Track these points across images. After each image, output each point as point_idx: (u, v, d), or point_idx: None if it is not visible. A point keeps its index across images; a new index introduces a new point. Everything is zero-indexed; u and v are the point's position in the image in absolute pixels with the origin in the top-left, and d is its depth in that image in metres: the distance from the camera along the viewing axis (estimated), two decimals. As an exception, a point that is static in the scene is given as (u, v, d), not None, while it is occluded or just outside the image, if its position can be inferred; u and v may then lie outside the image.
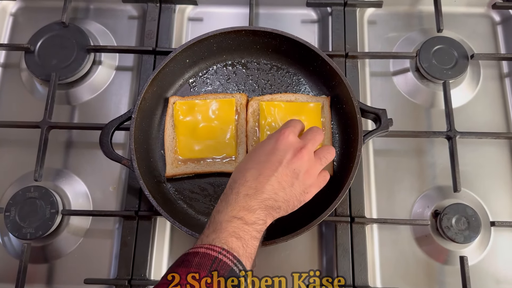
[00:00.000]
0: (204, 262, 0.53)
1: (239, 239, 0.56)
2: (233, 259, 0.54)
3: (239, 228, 0.57)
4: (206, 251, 0.54)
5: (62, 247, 0.81)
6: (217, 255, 0.53)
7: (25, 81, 0.92)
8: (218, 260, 0.53)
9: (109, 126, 0.77)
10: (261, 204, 0.60)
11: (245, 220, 0.58)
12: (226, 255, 0.54)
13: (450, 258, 0.80)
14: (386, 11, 0.96)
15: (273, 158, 0.63)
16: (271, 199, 0.61)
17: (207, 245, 0.55)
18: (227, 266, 0.53)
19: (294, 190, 0.63)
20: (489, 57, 0.91)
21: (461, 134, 0.82)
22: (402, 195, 0.84)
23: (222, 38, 0.83)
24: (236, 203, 0.59)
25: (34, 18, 0.96)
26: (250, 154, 0.66)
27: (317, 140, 0.67)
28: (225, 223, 0.57)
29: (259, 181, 0.61)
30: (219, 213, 0.59)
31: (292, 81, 0.86)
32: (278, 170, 0.62)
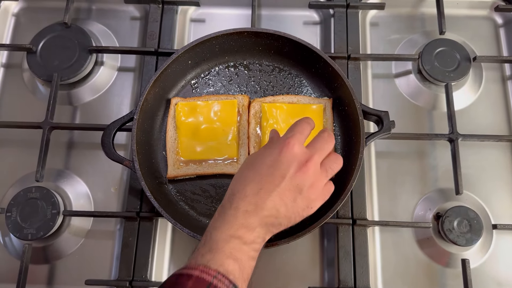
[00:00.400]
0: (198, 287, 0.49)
1: (236, 261, 0.53)
2: (229, 283, 0.51)
3: (237, 249, 0.54)
4: (201, 275, 0.50)
5: (63, 248, 0.81)
6: (211, 280, 0.50)
7: (27, 82, 0.92)
8: (213, 286, 0.50)
9: (111, 127, 0.77)
10: (261, 222, 0.56)
11: (243, 239, 0.55)
12: (222, 279, 0.51)
13: (452, 261, 0.80)
14: (388, 13, 0.96)
15: (276, 172, 0.58)
16: (272, 216, 0.57)
17: (202, 266, 0.51)
18: None
19: (296, 206, 0.59)
20: (491, 60, 0.91)
21: (463, 137, 0.82)
22: (404, 198, 0.84)
23: (224, 40, 0.83)
24: (235, 220, 0.55)
25: (36, 18, 0.96)
26: (251, 164, 0.61)
27: (326, 149, 0.62)
28: (221, 242, 0.54)
29: (259, 196, 0.57)
30: (216, 230, 0.55)
31: (294, 83, 0.86)
32: (281, 185, 0.57)
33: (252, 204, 0.56)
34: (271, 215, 0.57)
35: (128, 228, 0.79)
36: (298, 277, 0.80)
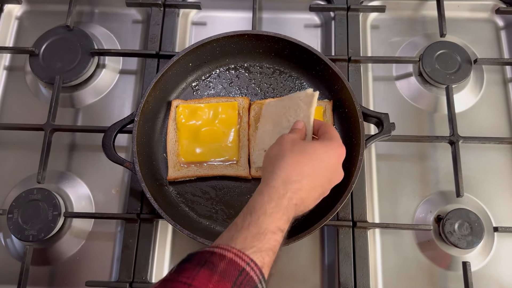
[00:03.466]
0: (230, 270, 0.48)
1: (275, 253, 0.54)
2: (260, 275, 0.50)
3: (277, 243, 0.54)
4: (234, 258, 0.49)
5: (64, 250, 0.82)
6: (245, 266, 0.49)
7: (30, 84, 0.93)
8: (245, 273, 0.49)
9: (112, 129, 0.78)
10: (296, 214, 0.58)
11: (283, 234, 0.55)
12: (254, 268, 0.50)
13: (452, 264, 0.79)
14: (389, 15, 0.96)
15: (331, 176, 0.62)
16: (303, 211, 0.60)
17: (236, 250, 0.50)
18: (252, 282, 0.49)
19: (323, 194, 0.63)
20: (492, 62, 0.91)
21: (464, 139, 0.82)
22: (404, 200, 0.84)
23: (225, 42, 0.83)
24: (286, 211, 0.56)
25: (39, 21, 0.97)
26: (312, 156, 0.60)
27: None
28: (270, 234, 0.53)
29: (309, 195, 0.59)
30: (266, 215, 0.54)
31: (294, 85, 0.86)
32: (326, 188, 0.62)
33: (301, 200, 0.58)
34: (304, 210, 0.60)
35: (128, 230, 0.80)
36: (298, 280, 0.80)
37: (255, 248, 0.51)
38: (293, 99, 0.78)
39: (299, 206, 0.58)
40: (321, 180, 0.60)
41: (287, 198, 0.56)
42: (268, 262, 0.52)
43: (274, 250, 0.53)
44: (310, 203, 0.60)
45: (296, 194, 0.57)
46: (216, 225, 0.79)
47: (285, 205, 0.56)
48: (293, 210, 0.57)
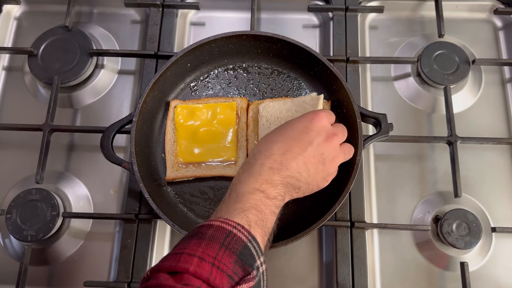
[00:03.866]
0: (218, 235, 0.51)
1: (260, 212, 0.55)
2: (248, 235, 0.52)
3: (261, 201, 0.56)
4: (221, 224, 0.52)
5: (62, 250, 0.82)
6: (231, 229, 0.52)
7: (28, 84, 0.93)
8: (232, 234, 0.51)
9: (110, 129, 0.78)
10: (283, 180, 0.59)
11: (267, 193, 0.57)
12: (241, 230, 0.52)
13: (450, 264, 0.80)
14: (387, 16, 0.96)
15: (305, 137, 0.62)
16: (294, 178, 0.60)
17: (223, 218, 0.53)
18: (241, 242, 0.51)
19: (317, 174, 0.62)
20: (490, 63, 0.91)
21: (462, 140, 0.82)
22: (402, 200, 0.84)
23: (224, 43, 0.83)
24: (259, 175, 0.58)
25: (37, 22, 0.97)
26: (280, 128, 0.64)
27: (345, 134, 0.68)
28: (247, 194, 0.56)
29: (285, 157, 0.60)
30: (241, 183, 0.58)
31: (293, 86, 0.86)
32: (307, 150, 0.61)
33: (278, 163, 0.59)
34: (293, 176, 0.60)
35: (127, 230, 0.80)
36: (296, 280, 0.80)
37: (238, 210, 0.54)
38: (298, 103, 0.79)
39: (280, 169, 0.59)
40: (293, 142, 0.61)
41: (258, 165, 0.59)
42: (254, 220, 0.54)
43: (257, 208, 0.55)
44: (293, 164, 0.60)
45: (269, 158, 0.59)
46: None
47: (258, 170, 0.59)
48: (270, 172, 0.58)
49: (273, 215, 0.58)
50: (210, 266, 0.48)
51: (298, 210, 0.79)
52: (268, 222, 0.56)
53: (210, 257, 0.48)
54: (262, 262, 0.53)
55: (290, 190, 0.60)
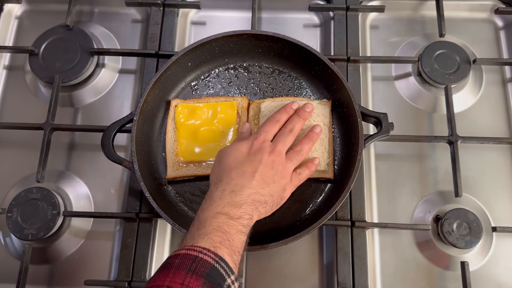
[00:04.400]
0: (184, 262, 0.52)
1: (224, 233, 0.57)
2: (215, 257, 0.54)
3: (224, 222, 0.58)
4: (187, 252, 0.54)
5: (63, 249, 0.82)
6: (197, 254, 0.53)
7: (29, 83, 0.93)
8: (198, 259, 0.53)
9: (111, 128, 0.78)
10: (248, 199, 0.62)
11: (230, 215, 0.59)
12: (207, 253, 0.53)
13: (451, 264, 0.80)
14: (388, 15, 0.96)
15: (254, 158, 0.67)
16: (258, 194, 0.63)
17: (188, 246, 0.55)
18: (207, 264, 0.52)
19: (276, 186, 0.67)
20: (491, 62, 0.91)
21: (463, 139, 0.82)
22: (403, 200, 0.84)
23: (224, 42, 0.83)
24: (221, 200, 0.61)
25: (38, 21, 0.97)
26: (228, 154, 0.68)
27: (288, 141, 0.71)
28: (209, 219, 0.58)
29: (245, 177, 0.64)
30: (204, 210, 0.60)
31: (293, 85, 0.86)
32: (259, 167, 0.65)
33: (238, 185, 0.63)
34: (256, 192, 0.64)
35: (127, 229, 0.80)
36: (296, 279, 0.80)
37: (202, 235, 0.56)
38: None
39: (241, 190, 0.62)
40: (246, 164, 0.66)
41: (219, 191, 0.62)
42: (218, 241, 0.56)
43: (220, 230, 0.57)
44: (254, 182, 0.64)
45: (229, 184, 0.63)
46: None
47: (219, 195, 0.62)
48: (232, 195, 0.61)
49: (240, 234, 0.59)
50: None
51: (298, 210, 0.79)
52: (235, 241, 0.57)
53: (178, 284, 0.50)
54: (233, 280, 0.54)
55: (258, 207, 0.63)
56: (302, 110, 0.75)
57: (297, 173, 0.72)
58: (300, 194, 0.79)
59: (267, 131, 0.71)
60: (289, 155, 0.71)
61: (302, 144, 0.73)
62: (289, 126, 0.73)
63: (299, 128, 0.74)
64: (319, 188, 0.80)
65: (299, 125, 0.74)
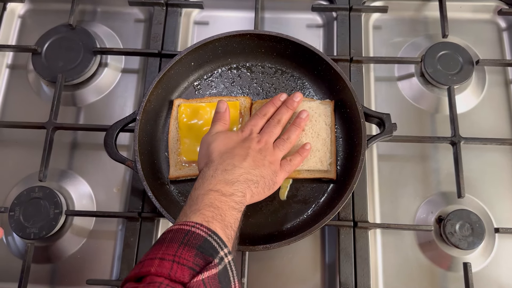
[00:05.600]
0: (176, 236, 0.53)
1: (216, 208, 0.58)
2: (207, 230, 0.54)
3: (216, 199, 0.59)
4: (179, 227, 0.54)
5: (65, 248, 0.82)
6: (189, 228, 0.54)
7: (32, 82, 0.93)
8: (191, 232, 0.53)
9: (114, 127, 0.78)
10: (240, 177, 0.63)
11: (222, 192, 0.60)
12: (199, 227, 0.54)
13: (453, 265, 0.79)
14: (391, 16, 0.96)
15: (244, 144, 0.69)
16: (249, 173, 0.65)
17: (181, 222, 0.55)
18: (199, 237, 0.53)
19: (267, 169, 0.68)
20: (494, 63, 0.91)
21: (466, 140, 0.82)
22: (405, 200, 0.84)
23: (227, 42, 0.83)
24: (213, 178, 0.62)
25: (41, 20, 0.97)
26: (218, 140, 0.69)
27: (275, 132, 0.73)
28: (201, 196, 0.59)
29: (236, 159, 0.65)
30: (196, 189, 0.61)
31: (296, 85, 0.86)
32: (250, 152, 0.67)
33: (230, 165, 0.64)
34: (248, 172, 0.65)
35: (129, 228, 0.80)
36: (299, 279, 0.80)
37: (193, 211, 0.57)
38: (303, 107, 0.79)
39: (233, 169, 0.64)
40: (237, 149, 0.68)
41: (211, 170, 0.64)
42: (211, 215, 0.56)
43: (212, 205, 0.58)
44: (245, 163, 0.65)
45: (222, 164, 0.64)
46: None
47: (211, 174, 0.63)
48: (224, 174, 0.63)
49: (233, 210, 0.60)
50: (170, 263, 0.50)
51: (300, 210, 0.79)
52: (227, 216, 0.58)
53: (170, 255, 0.51)
54: (226, 253, 0.54)
55: (250, 185, 0.64)
56: (290, 100, 0.76)
57: (289, 160, 0.73)
58: (303, 194, 0.80)
59: (254, 125, 0.73)
60: (276, 143, 0.73)
61: (289, 132, 0.74)
62: (276, 117, 0.74)
63: (287, 118, 0.75)
64: (321, 188, 0.80)
65: (287, 116, 0.75)
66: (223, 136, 0.70)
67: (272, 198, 0.79)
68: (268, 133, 0.72)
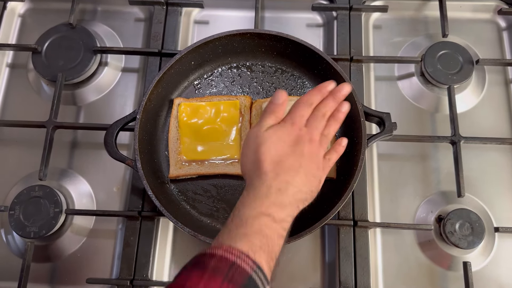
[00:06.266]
0: (220, 266, 0.49)
1: (264, 237, 0.53)
2: (253, 264, 0.50)
3: (267, 225, 0.54)
4: (224, 254, 0.50)
5: (65, 247, 0.82)
6: (235, 259, 0.49)
7: (32, 81, 0.93)
8: (236, 266, 0.49)
9: (114, 126, 0.78)
10: (292, 199, 0.58)
11: (274, 217, 0.55)
12: (245, 259, 0.50)
13: (453, 264, 0.79)
14: (391, 15, 0.96)
15: (296, 149, 0.61)
16: (300, 192, 0.59)
17: (226, 246, 0.51)
18: (245, 273, 0.49)
19: (315, 180, 0.62)
20: (494, 63, 0.91)
21: (466, 139, 0.82)
22: (405, 200, 0.84)
23: (227, 41, 0.83)
24: (267, 198, 0.56)
25: (42, 19, 0.97)
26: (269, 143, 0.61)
27: (320, 127, 0.64)
28: (251, 219, 0.54)
29: (290, 174, 0.59)
30: (245, 206, 0.56)
31: (296, 84, 0.86)
32: (303, 162, 0.60)
33: (284, 183, 0.58)
34: (299, 191, 0.59)
35: (129, 227, 0.80)
36: (298, 278, 0.80)
37: (241, 236, 0.52)
38: None
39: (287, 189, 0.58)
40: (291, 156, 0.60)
41: (265, 187, 0.57)
42: (258, 245, 0.52)
43: (262, 233, 0.53)
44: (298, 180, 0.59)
45: (276, 180, 0.58)
46: (218, 223, 0.79)
47: (264, 192, 0.57)
48: (278, 194, 0.57)
49: (281, 238, 0.55)
50: None
51: (301, 209, 0.79)
52: (274, 246, 0.54)
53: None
54: None
55: (299, 205, 0.60)
56: (337, 92, 0.66)
57: (327, 159, 0.66)
58: (303, 194, 0.79)
59: (302, 115, 0.64)
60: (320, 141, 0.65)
61: (329, 126, 0.65)
62: (322, 109, 0.65)
63: (331, 112, 0.66)
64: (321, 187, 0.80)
65: (332, 109, 0.66)
66: (275, 137, 0.61)
67: (272, 197, 0.79)
68: (316, 129, 0.64)
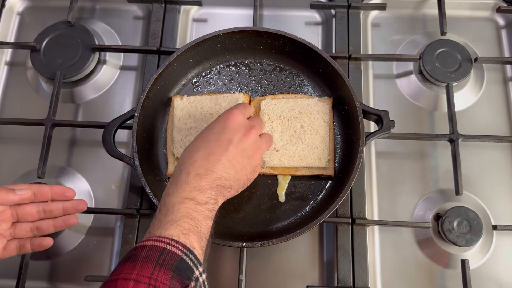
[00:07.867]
0: (151, 254, 0.51)
1: (193, 219, 0.56)
2: (183, 248, 0.53)
3: (192, 208, 0.57)
4: (154, 243, 0.52)
5: (63, 244, 0.82)
6: (165, 246, 0.52)
7: (31, 79, 0.93)
8: (167, 251, 0.51)
9: (112, 124, 0.78)
10: (212, 184, 0.60)
11: (197, 200, 0.58)
12: (175, 245, 0.52)
13: (451, 262, 0.80)
14: (390, 13, 0.96)
15: (223, 137, 0.63)
16: (222, 179, 0.61)
17: (156, 236, 0.53)
18: (176, 257, 0.51)
19: (244, 169, 0.64)
20: (492, 61, 0.91)
21: (464, 137, 0.82)
22: (404, 198, 0.84)
23: (226, 39, 0.83)
24: (187, 184, 0.59)
25: (40, 17, 0.98)
26: (199, 135, 0.65)
27: (262, 125, 0.70)
28: (177, 205, 0.57)
29: (209, 160, 0.61)
30: (170, 195, 0.58)
31: (295, 82, 0.86)
32: (229, 149, 0.62)
33: (203, 168, 0.60)
34: (221, 177, 0.61)
35: (128, 225, 0.80)
36: (296, 276, 0.80)
37: (170, 222, 0.55)
38: (302, 105, 0.80)
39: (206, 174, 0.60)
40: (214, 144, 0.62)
41: (184, 174, 0.60)
42: (188, 228, 0.55)
43: (189, 216, 0.56)
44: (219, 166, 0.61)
45: (193, 166, 0.60)
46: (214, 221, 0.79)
47: (184, 179, 0.59)
48: (197, 179, 0.59)
49: (207, 219, 0.58)
50: (146, 287, 0.48)
51: (298, 207, 0.79)
52: (203, 227, 0.57)
53: (146, 278, 0.48)
54: (201, 272, 0.53)
55: (222, 191, 0.62)
56: None
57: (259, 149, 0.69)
58: (301, 192, 0.80)
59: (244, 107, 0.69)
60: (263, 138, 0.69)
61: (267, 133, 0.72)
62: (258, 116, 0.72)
63: None
64: (319, 185, 0.80)
65: None
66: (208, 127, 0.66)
67: (270, 195, 0.79)
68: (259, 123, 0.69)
